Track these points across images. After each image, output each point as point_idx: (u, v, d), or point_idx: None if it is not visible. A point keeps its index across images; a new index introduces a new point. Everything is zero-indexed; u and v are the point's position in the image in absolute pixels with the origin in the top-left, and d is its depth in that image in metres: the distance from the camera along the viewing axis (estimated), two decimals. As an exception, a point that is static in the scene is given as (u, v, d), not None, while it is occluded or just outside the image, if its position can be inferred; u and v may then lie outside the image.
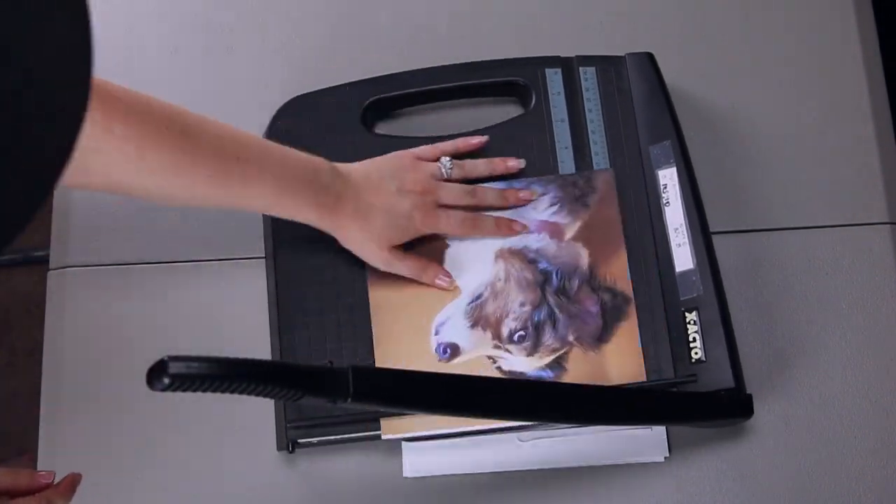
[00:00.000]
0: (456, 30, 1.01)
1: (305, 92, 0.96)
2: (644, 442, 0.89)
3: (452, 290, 0.90)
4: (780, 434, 0.89)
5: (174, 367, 0.66)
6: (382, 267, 0.89)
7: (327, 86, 0.97)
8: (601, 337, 0.88)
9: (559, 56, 0.97)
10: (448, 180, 0.91)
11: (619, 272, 0.90)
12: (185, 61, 1.01)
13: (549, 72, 0.96)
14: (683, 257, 0.90)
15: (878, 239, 0.94)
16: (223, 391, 0.68)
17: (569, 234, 0.91)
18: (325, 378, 0.72)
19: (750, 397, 0.87)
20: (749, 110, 0.98)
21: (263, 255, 0.93)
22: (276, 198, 0.84)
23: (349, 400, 0.73)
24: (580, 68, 0.96)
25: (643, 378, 0.87)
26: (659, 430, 0.89)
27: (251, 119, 0.96)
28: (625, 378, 0.87)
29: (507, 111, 0.97)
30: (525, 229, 0.91)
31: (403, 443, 0.89)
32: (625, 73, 0.95)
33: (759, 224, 0.95)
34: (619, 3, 1.01)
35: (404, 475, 0.89)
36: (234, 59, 1.01)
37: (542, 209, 0.92)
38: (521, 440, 0.89)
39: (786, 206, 0.95)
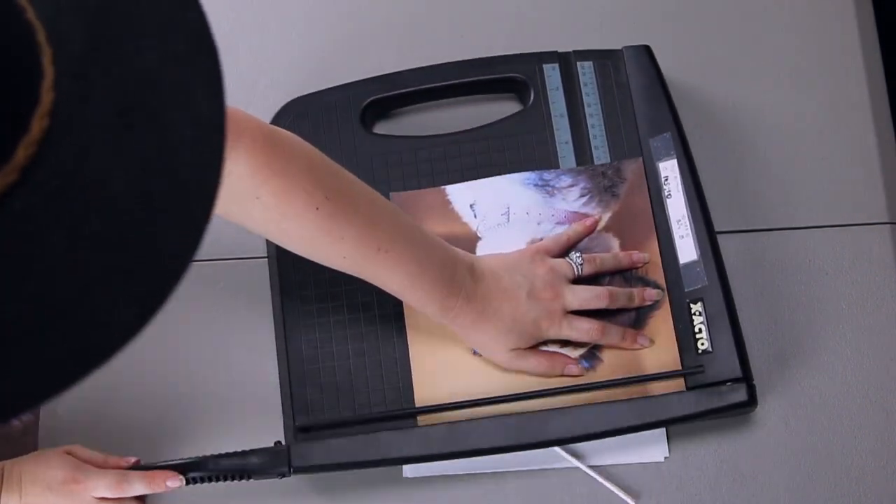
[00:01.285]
0: (453, 28, 1.01)
1: (304, 94, 0.96)
2: (644, 442, 0.89)
3: (581, 374, 0.88)
4: (780, 434, 0.89)
5: None
6: (506, 366, 0.88)
7: (326, 87, 0.97)
8: (634, 326, 0.88)
9: (556, 51, 0.97)
10: (578, 278, 0.89)
11: (651, 261, 0.90)
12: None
13: (546, 67, 0.96)
14: (687, 249, 0.90)
15: (878, 239, 0.94)
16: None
17: (601, 224, 0.91)
18: (268, 459, 0.84)
19: (754, 388, 0.87)
20: (748, 110, 0.98)
21: (265, 255, 0.93)
22: (403, 289, 0.84)
23: (292, 473, 0.85)
24: (578, 63, 0.96)
25: (678, 366, 0.87)
26: (659, 430, 0.89)
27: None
28: (660, 367, 0.87)
29: (505, 108, 0.97)
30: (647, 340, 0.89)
31: (404, 443, 0.89)
32: (622, 66, 0.95)
33: (759, 224, 0.95)
34: (616, -3, 1.02)
35: (404, 475, 0.89)
36: (233, 63, 1.00)
37: (571, 200, 0.92)
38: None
39: (786, 206, 0.95)
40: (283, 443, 0.87)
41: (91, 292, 0.44)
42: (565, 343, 0.89)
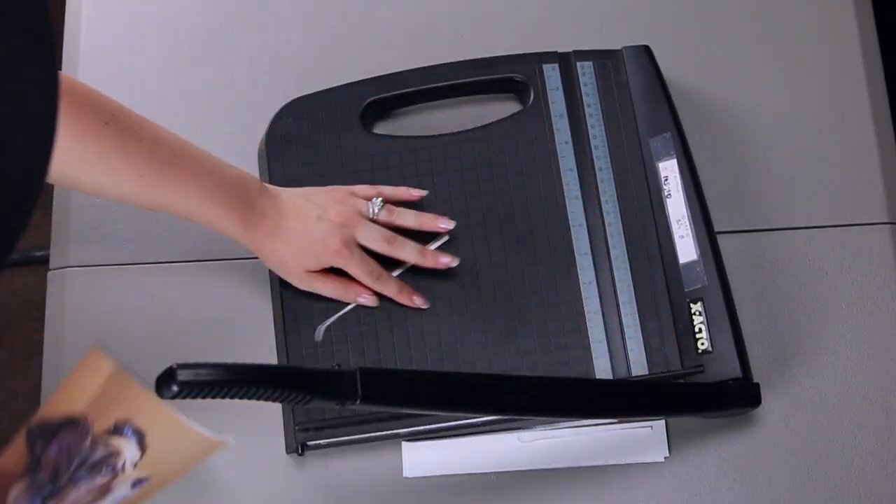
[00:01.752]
0: (453, 28, 1.01)
1: (304, 94, 0.96)
2: (644, 442, 0.89)
3: (377, 306, 0.90)
4: (780, 434, 0.89)
5: (182, 375, 0.67)
6: (303, 287, 0.89)
7: (326, 87, 0.97)
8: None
9: (556, 51, 0.97)
10: (374, 221, 0.90)
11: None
12: (184, 64, 1.01)
13: (546, 67, 0.96)
14: (687, 249, 0.90)
15: (878, 239, 0.94)
16: (232, 397, 0.68)
17: None
18: (334, 381, 0.73)
19: (758, 386, 0.87)
20: (748, 110, 0.98)
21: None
22: (202, 205, 0.85)
23: (358, 402, 0.73)
24: (577, 63, 0.96)
25: (676, 367, 0.87)
26: (659, 430, 0.89)
27: (250, 122, 0.97)
28: None
29: (505, 108, 0.97)
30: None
31: (404, 443, 0.89)
32: (622, 66, 0.96)
33: (759, 224, 0.95)
34: (615, -3, 1.02)
35: (405, 475, 0.89)
36: (232, 63, 1.01)
37: None
38: (521, 440, 0.89)
39: (786, 206, 0.95)
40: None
41: None
42: None
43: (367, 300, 0.89)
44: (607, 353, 0.88)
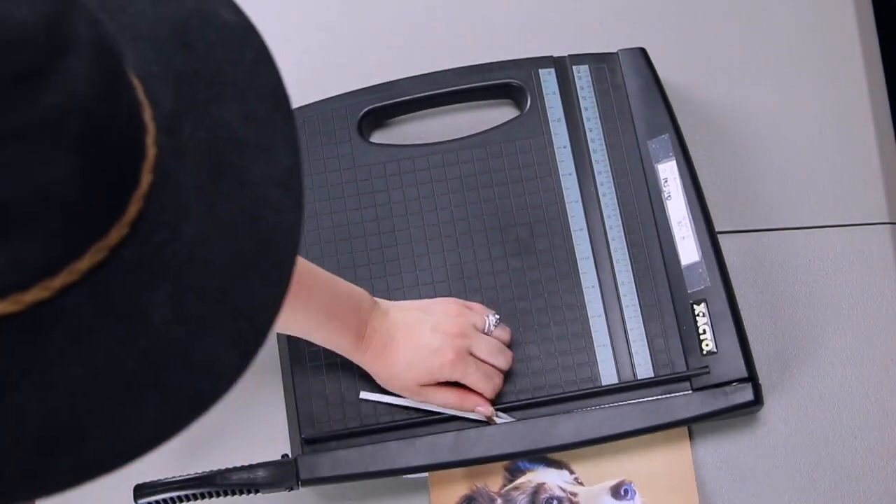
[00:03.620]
0: (447, 35, 1.01)
1: (301, 105, 0.96)
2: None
3: (493, 415, 0.88)
4: (781, 434, 0.89)
5: (142, 500, 0.84)
6: (418, 399, 0.88)
7: (321, 98, 0.97)
8: None
9: (552, 56, 0.96)
10: (487, 333, 0.88)
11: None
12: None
13: (542, 72, 0.96)
14: (688, 250, 0.90)
15: (878, 239, 0.93)
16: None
17: None
18: (275, 472, 0.85)
19: (759, 387, 0.87)
20: (747, 111, 0.97)
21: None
22: (318, 324, 0.83)
23: (300, 486, 0.85)
24: (573, 67, 0.96)
25: (682, 369, 0.88)
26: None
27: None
28: None
29: (503, 114, 0.97)
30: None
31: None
32: (618, 69, 0.95)
33: (759, 224, 0.94)
34: (611, 1, 1.01)
35: (404, 475, 0.90)
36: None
37: None
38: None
39: (786, 206, 0.95)
40: (290, 455, 0.87)
41: (197, 341, 0.47)
42: None
43: (485, 410, 0.87)
44: (612, 357, 0.89)
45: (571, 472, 0.88)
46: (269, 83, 0.52)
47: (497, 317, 0.89)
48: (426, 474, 0.88)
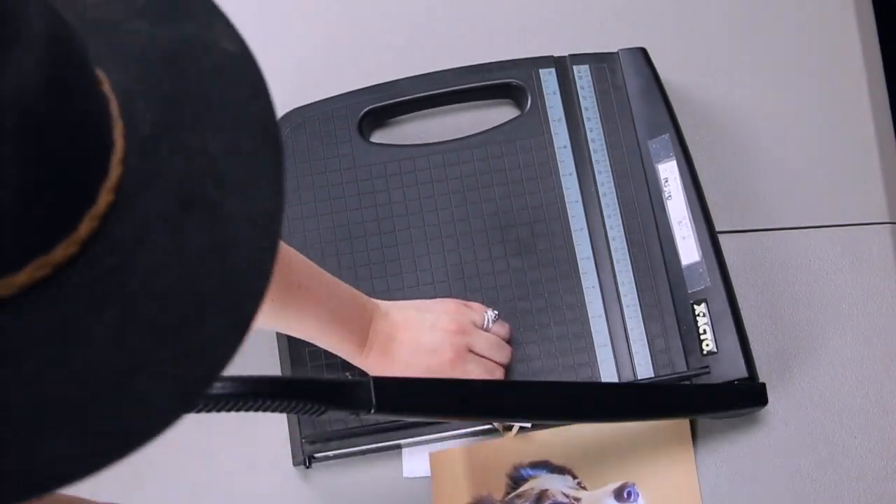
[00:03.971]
0: (447, 35, 1.01)
1: (301, 105, 0.96)
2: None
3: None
4: (781, 434, 0.89)
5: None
6: None
7: (322, 98, 0.97)
8: None
9: (552, 56, 0.97)
10: (485, 329, 0.89)
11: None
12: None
13: (542, 72, 0.96)
14: (689, 250, 0.90)
15: (878, 239, 0.93)
16: (248, 410, 0.68)
17: None
18: (348, 391, 0.73)
19: (764, 385, 0.87)
20: (747, 110, 0.97)
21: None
22: (322, 328, 0.83)
23: (372, 411, 0.73)
24: (574, 67, 0.96)
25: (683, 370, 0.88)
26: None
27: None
28: None
29: (503, 113, 0.97)
30: None
31: (404, 448, 0.89)
32: (619, 69, 0.95)
33: (759, 224, 0.94)
34: (611, 1, 1.01)
35: (404, 475, 0.89)
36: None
37: None
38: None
39: (786, 206, 0.95)
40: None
41: (134, 377, 0.44)
42: None
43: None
44: (612, 357, 0.89)
45: (574, 477, 0.88)
46: (260, 118, 0.48)
47: (495, 313, 0.89)
48: (429, 475, 0.88)
